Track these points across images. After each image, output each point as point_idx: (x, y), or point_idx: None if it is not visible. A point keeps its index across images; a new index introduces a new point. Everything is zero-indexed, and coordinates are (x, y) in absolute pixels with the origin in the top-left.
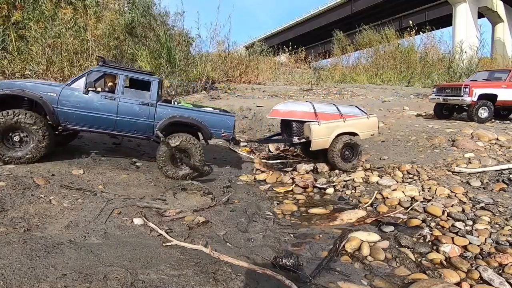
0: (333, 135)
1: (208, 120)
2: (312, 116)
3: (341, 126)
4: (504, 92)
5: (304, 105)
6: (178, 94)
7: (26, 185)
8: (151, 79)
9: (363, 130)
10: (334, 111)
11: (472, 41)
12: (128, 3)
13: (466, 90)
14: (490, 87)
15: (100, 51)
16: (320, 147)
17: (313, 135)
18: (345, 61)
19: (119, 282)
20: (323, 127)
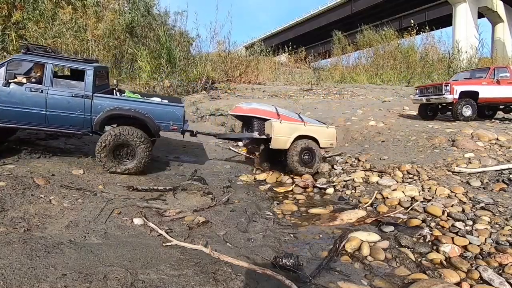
0: (293, 136)
1: (154, 112)
2: (274, 115)
3: (302, 129)
4: (485, 89)
5: (266, 105)
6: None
7: (26, 185)
8: (85, 68)
9: (322, 137)
10: (296, 117)
11: (472, 41)
12: (128, 3)
13: (447, 88)
14: (471, 84)
15: (100, 51)
16: (279, 146)
17: (274, 131)
18: (345, 61)
19: (119, 282)
20: (285, 125)
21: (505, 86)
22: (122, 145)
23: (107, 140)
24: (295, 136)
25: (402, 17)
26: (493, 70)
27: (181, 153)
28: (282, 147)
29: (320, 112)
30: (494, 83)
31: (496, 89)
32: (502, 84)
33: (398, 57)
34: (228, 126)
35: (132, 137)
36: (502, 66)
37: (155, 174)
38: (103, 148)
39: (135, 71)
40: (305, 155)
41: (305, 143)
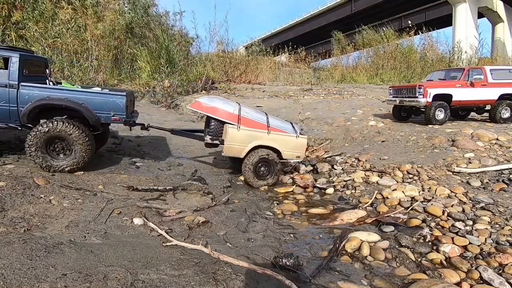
0: (251, 145)
1: (91, 101)
2: (234, 118)
3: (262, 138)
4: (459, 92)
5: (230, 105)
6: (178, 94)
7: (26, 185)
8: (9, 55)
9: (287, 149)
10: (261, 120)
11: (472, 41)
12: (128, 3)
13: (421, 90)
14: (445, 87)
15: (100, 51)
16: (233, 154)
17: (227, 138)
18: (345, 61)
19: (119, 282)
20: (242, 133)
21: (479, 88)
22: (57, 139)
23: (36, 133)
24: (254, 145)
25: (402, 17)
26: (467, 71)
27: (181, 153)
28: (236, 156)
29: (320, 112)
30: (468, 85)
31: (470, 91)
32: (476, 86)
33: (398, 57)
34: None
35: (66, 130)
36: (476, 67)
37: (155, 174)
38: (32, 143)
39: (135, 71)
40: (261, 167)
41: (264, 154)
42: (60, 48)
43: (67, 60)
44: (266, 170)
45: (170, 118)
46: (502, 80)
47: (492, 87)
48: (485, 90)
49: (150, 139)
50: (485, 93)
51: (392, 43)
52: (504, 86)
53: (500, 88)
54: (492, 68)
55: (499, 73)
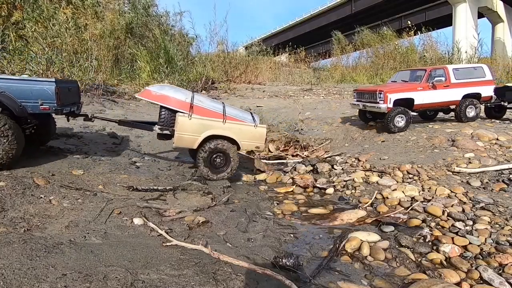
0: (204, 134)
1: (13, 89)
2: (186, 106)
3: (216, 127)
4: (421, 95)
5: (182, 93)
6: None
7: (26, 185)
8: None
9: (245, 139)
10: (217, 109)
11: (472, 41)
12: (128, 3)
13: (381, 96)
14: (406, 91)
15: (100, 51)
16: (185, 145)
17: (177, 128)
18: (345, 61)
19: (119, 282)
20: (194, 122)
21: (442, 90)
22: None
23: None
24: (207, 135)
25: (402, 17)
26: (429, 73)
27: (181, 153)
28: (188, 147)
29: (320, 112)
30: (430, 88)
31: (432, 94)
32: (439, 88)
33: (398, 58)
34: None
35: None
36: (438, 67)
37: (155, 174)
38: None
39: (135, 71)
40: (217, 158)
41: (219, 144)
42: (59, 48)
43: (67, 60)
44: (222, 161)
45: None
46: (465, 80)
47: (455, 87)
48: (448, 91)
49: (150, 139)
50: (448, 94)
51: (392, 43)
52: (467, 86)
53: (463, 89)
54: (455, 68)
55: (463, 72)
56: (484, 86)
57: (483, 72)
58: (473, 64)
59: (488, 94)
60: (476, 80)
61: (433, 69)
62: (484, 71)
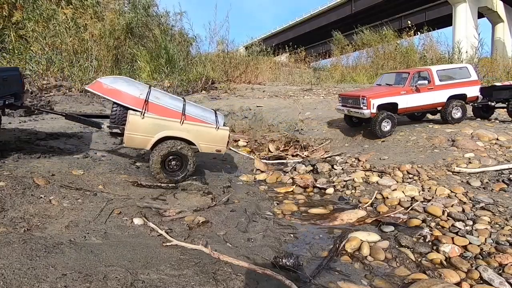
0: (158, 136)
1: None
2: (139, 103)
3: (173, 128)
4: (404, 99)
5: (137, 87)
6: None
7: (26, 185)
8: None
9: (205, 141)
10: (176, 108)
11: (472, 41)
12: (128, 3)
13: (364, 101)
14: (389, 95)
15: (100, 51)
16: (136, 145)
17: (127, 127)
18: (345, 61)
19: (119, 282)
20: (147, 121)
21: (425, 92)
22: None
23: None
24: (161, 136)
25: (402, 17)
26: (412, 76)
27: None
28: (141, 148)
29: (320, 112)
30: (413, 91)
31: (417, 97)
32: (422, 91)
33: (398, 58)
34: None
35: None
36: (422, 69)
37: None
38: None
39: (135, 71)
40: (172, 161)
41: (174, 146)
42: (59, 48)
43: (67, 60)
44: (178, 165)
45: None
46: (450, 81)
47: (440, 89)
48: (433, 93)
49: None
50: (432, 97)
51: (392, 43)
52: (452, 87)
53: (448, 90)
54: (439, 69)
55: (447, 73)
56: (470, 86)
57: (468, 72)
58: (457, 64)
59: (473, 94)
60: (461, 81)
61: (416, 72)
62: (468, 71)
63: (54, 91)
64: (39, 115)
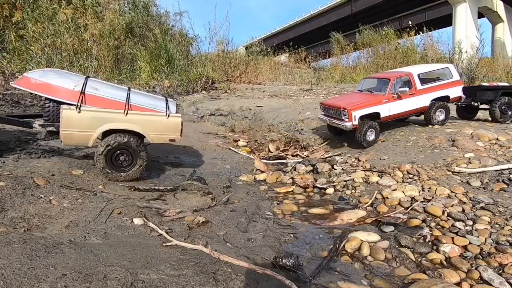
0: (100, 130)
1: None
2: (74, 96)
3: (116, 120)
4: (386, 108)
5: (71, 79)
6: (178, 94)
7: (26, 185)
8: None
9: (155, 131)
10: (118, 98)
11: (473, 41)
12: (128, 3)
13: (345, 113)
14: (370, 105)
15: (100, 51)
16: (75, 143)
17: (62, 124)
18: (345, 61)
19: (119, 282)
20: (84, 115)
21: (408, 98)
22: None
23: None
24: (104, 130)
25: (402, 17)
26: (393, 82)
27: (181, 153)
28: (82, 145)
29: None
30: (395, 99)
31: (399, 104)
32: (404, 98)
33: (398, 57)
34: (228, 126)
35: None
36: (403, 74)
37: (155, 174)
38: None
39: (135, 71)
40: (121, 156)
41: (120, 140)
42: (59, 48)
43: (67, 60)
44: (127, 159)
45: None
46: (432, 84)
47: (422, 94)
48: (416, 99)
49: None
50: (415, 102)
51: (392, 43)
52: (435, 90)
53: (430, 94)
54: (420, 73)
55: (429, 75)
56: (452, 87)
57: (450, 72)
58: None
59: (456, 95)
60: (443, 82)
61: (397, 77)
62: (450, 72)
63: None
64: None
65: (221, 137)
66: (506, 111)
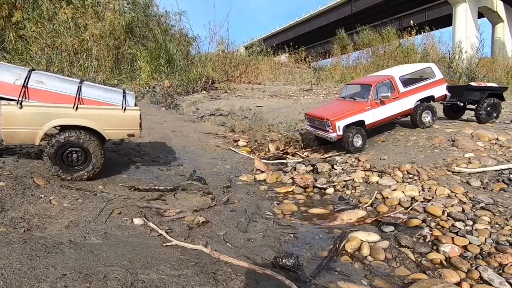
0: (46, 126)
1: None
2: (15, 90)
3: (65, 115)
4: (370, 115)
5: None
6: (178, 94)
7: (26, 185)
8: None
9: (110, 126)
10: (67, 91)
11: (473, 41)
12: (128, 3)
13: (329, 124)
14: (353, 114)
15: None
16: (19, 142)
17: (2, 122)
18: (345, 61)
19: (119, 282)
20: (27, 111)
21: (392, 103)
22: None
23: None
24: (51, 126)
25: (402, 17)
26: (374, 88)
27: (181, 153)
28: (27, 143)
29: None
30: (378, 105)
31: (383, 109)
32: (388, 103)
33: (399, 57)
34: (228, 126)
35: None
36: (384, 78)
37: (155, 174)
38: None
39: (135, 71)
40: (73, 154)
41: (71, 137)
42: (59, 48)
43: (67, 60)
44: (80, 158)
45: (170, 118)
46: (415, 85)
47: (406, 96)
48: (400, 102)
49: (150, 139)
50: (400, 105)
51: (393, 43)
52: (419, 91)
53: (414, 95)
54: (402, 74)
55: (411, 77)
56: (436, 87)
57: (432, 72)
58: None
59: (441, 93)
60: (426, 82)
61: (379, 82)
62: (433, 71)
63: None
64: None
65: (221, 137)
66: (491, 113)
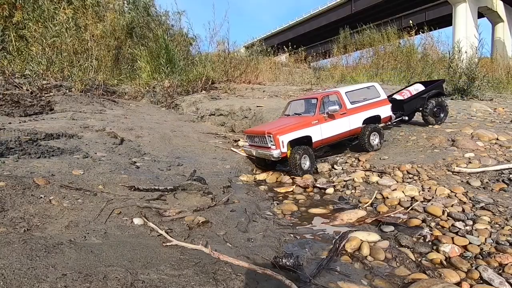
0: None
1: None
2: None
3: None
4: (318, 130)
5: None
6: (178, 94)
7: (26, 185)
8: None
9: None
10: None
11: (472, 41)
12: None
13: (271, 139)
14: (299, 128)
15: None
16: None
17: None
18: (345, 61)
19: (119, 282)
20: None
21: (339, 119)
22: None
23: None
24: None
25: (402, 17)
26: (321, 101)
27: (181, 153)
28: None
29: None
30: (325, 120)
31: (330, 125)
32: (337, 118)
33: (399, 57)
34: (228, 126)
35: None
36: (331, 93)
37: (155, 174)
38: None
39: (135, 71)
40: None
41: None
42: (60, 48)
43: (67, 60)
44: None
45: (170, 118)
46: (361, 103)
47: (353, 113)
48: (348, 119)
49: (150, 139)
50: (348, 123)
51: (394, 43)
52: (366, 109)
53: (362, 113)
54: (348, 91)
55: (356, 94)
56: (382, 106)
57: (377, 91)
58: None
59: (387, 114)
60: (372, 101)
61: (325, 96)
62: (377, 90)
63: (54, 91)
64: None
65: (221, 137)
66: (438, 113)
